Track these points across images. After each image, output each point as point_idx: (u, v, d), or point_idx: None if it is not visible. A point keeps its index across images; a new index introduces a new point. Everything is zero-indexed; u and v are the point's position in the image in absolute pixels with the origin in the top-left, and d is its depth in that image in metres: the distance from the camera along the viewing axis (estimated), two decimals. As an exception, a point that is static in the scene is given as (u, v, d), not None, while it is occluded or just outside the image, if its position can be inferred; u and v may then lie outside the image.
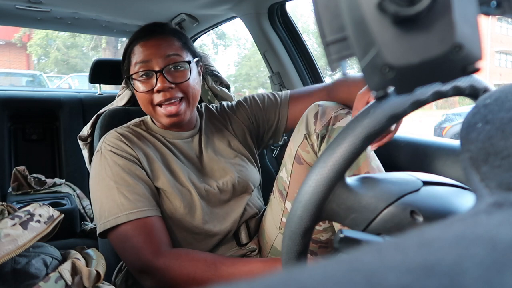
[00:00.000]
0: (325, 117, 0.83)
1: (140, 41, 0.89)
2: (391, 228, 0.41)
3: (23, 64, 14.37)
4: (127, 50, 0.93)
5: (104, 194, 0.84)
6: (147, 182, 0.86)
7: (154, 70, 0.87)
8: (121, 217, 0.81)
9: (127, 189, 0.83)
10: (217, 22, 1.68)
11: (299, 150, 0.86)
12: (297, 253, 0.43)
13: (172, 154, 0.93)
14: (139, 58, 0.88)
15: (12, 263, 0.59)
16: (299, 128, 0.87)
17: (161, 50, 0.88)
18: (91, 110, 1.91)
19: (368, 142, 0.40)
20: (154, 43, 0.88)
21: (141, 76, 0.89)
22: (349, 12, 0.23)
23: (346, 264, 0.13)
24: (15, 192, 1.63)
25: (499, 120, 0.22)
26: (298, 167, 0.87)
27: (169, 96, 0.87)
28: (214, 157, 0.97)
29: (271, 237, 0.93)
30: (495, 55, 12.76)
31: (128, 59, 0.92)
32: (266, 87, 14.26)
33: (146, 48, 0.88)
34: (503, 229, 0.14)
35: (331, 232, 0.86)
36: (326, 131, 0.83)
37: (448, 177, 0.46)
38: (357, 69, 0.23)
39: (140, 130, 0.96)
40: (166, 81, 0.87)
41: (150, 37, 0.89)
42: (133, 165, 0.86)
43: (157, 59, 0.87)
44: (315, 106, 0.86)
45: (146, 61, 0.87)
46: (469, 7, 0.22)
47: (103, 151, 0.88)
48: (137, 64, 0.88)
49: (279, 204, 0.90)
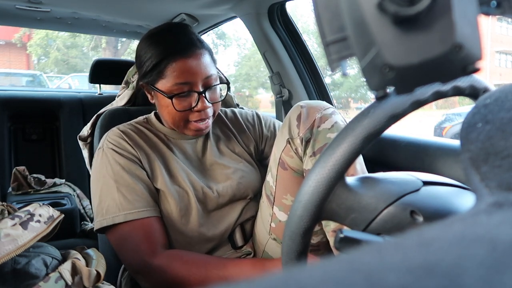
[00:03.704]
0: (308, 119, 0.79)
1: (179, 58, 0.85)
2: (391, 228, 0.41)
3: (23, 64, 14.37)
4: (159, 64, 0.86)
5: (104, 191, 0.84)
6: (147, 182, 0.86)
7: (197, 91, 0.86)
8: (119, 217, 0.81)
9: (126, 189, 0.83)
10: (217, 22, 1.68)
11: (283, 155, 0.83)
12: (297, 253, 0.43)
13: (173, 154, 0.93)
14: (181, 79, 0.85)
15: (12, 263, 0.59)
16: (282, 131, 0.83)
17: (202, 71, 0.86)
18: (91, 110, 1.91)
19: (368, 142, 0.40)
20: (195, 62, 0.85)
21: (179, 95, 0.86)
22: (349, 12, 0.23)
23: (346, 264, 0.13)
24: (15, 192, 1.63)
25: (499, 120, 0.22)
26: (283, 172, 0.84)
27: (204, 116, 0.88)
28: (218, 161, 0.97)
29: (262, 242, 0.92)
30: (495, 55, 12.76)
31: (157, 74, 0.87)
32: (266, 87, 14.26)
33: (188, 68, 0.85)
34: (503, 229, 0.14)
35: (322, 235, 0.85)
36: (310, 135, 0.78)
37: (448, 177, 0.46)
38: (357, 69, 0.23)
39: (143, 128, 0.95)
40: (206, 101, 0.87)
41: (190, 53, 0.85)
42: (134, 165, 0.86)
43: (199, 80, 0.86)
44: (298, 107, 0.81)
45: (189, 82, 0.85)
46: (469, 7, 0.22)
47: (104, 148, 0.89)
48: (177, 83, 0.85)
49: (267, 209, 0.89)
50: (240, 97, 13.90)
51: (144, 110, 1.12)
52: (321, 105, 0.81)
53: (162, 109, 0.90)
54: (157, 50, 0.87)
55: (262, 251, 0.92)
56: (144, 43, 0.90)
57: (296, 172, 0.83)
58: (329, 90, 1.49)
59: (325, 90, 1.48)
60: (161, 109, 0.91)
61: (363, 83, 4.85)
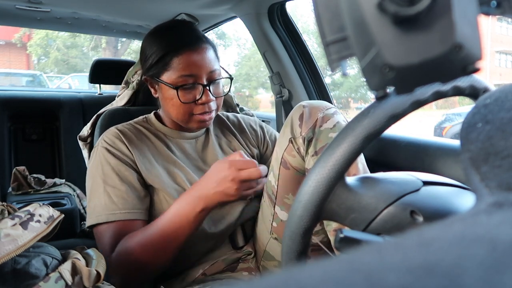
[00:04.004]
0: (310, 119, 0.80)
1: (185, 51, 0.87)
2: (391, 228, 0.41)
3: (23, 64, 14.38)
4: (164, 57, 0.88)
5: (93, 191, 0.86)
6: (135, 184, 0.86)
7: (202, 83, 0.88)
8: (101, 217, 0.83)
9: (112, 189, 0.84)
10: (217, 22, 1.68)
11: (285, 154, 0.83)
12: (297, 253, 0.43)
13: (172, 153, 0.93)
14: (187, 71, 0.87)
15: (12, 263, 0.59)
16: (284, 131, 0.84)
17: (207, 65, 0.88)
18: (91, 110, 1.91)
19: (368, 142, 0.40)
20: (200, 56, 0.88)
21: (183, 87, 0.88)
22: (349, 12, 0.23)
23: (346, 264, 0.13)
24: (15, 192, 1.63)
25: (499, 120, 0.22)
26: (285, 171, 0.84)
27: (207, 109, 0.90)
28: (217, 159, 0.97)
29: (264, 242, 0.92)
30: (495, 55, 12.76)
31: (162, 66, 0.89)
32: (266, 87, 14.25)
33: (194, 61, 0.87)
34: (503, 229, 0.14)
35: (323, 235, 0.85)
36: (312, 134, 0.79)
37: (448, 177, 0.46)
38: (357, 69, 0.23)
39: (142, 128, 0.96)
40: (210, 94, 0.89)
41: (196, 46, 0.88)
42: (124, 166, 0.86)
43: (203, 74, 0.88)
44: (300, 107, 0.82)
45: (194, 74, 0.87)
46: (469, 7, 0.22)
47: (99, 147, 0.89)
48: (183, 76, 0.87)
49: (269, 208, 0.89)
50: (240, 97, 13.89)
51: (144, 110, 1.12)
52: (323, 105, 0.82)
53: (167, 102, 0.91)
54: (162, 43, 0.89)
55: (263, 250, 0.92)
56: (150, 38, 0.93)
57: (298, 172, 0.83)
58: (329, 90, 1.49)
59: (325, 90, 1.48)
60: (165, 102, 0.92)
61: (363, 83, 4.86)
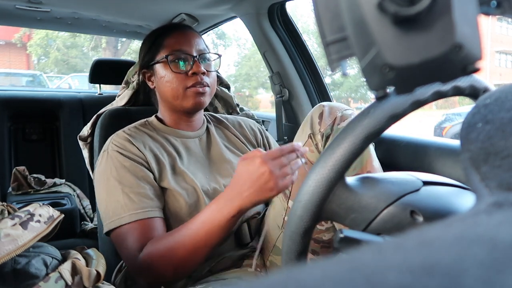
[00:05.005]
0: (330, 116, 0.85)
1: (175, 32, 0.97)
2: (391, 228, 0.41)
3: (23, 64, 14.38)
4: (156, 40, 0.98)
5: (109, 194, 0.85)
6: (152, 183, 0.87)
7: (191, 54, 0.95)
8: (124, 218, 0.82)
9: (131, 190, 0.84)
10: (217, 22, 1.68)
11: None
12: (297, 253, 0.43)
13: (177, 152, 0.95)
14: (177, 46, 0.95)
15: (12, 263, 0.59)
16: (304, 128, 0.88)
17: (195, 43, 0.97)
18: (91, 110, 1.91)
19: (368, 142, 0.40)
20: (189, 36, 0.97)
21: (175, 61, 0.94)
22: (349, 12, 0.23)
23: (346, 264, 0.13)
24: (15, 192, 1.63)
25: (499, 120, 0.22)
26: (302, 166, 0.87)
27: (200, 80, 0.94)
28: (222, 157, 0.99)
29: (273, 237, 0.93)
30: (495, 55, 12.76)
31: (155, 48, 0.97)
32: (266, 87, 14.25)
33: (183, 39, 0.96)
34: (503, 229, 0.14)
35: (333, 232, 0.87)
36: (331, 131, 0.84)
37: (448, 177, 0.46)
38: (357, 69, 0.23)
39: (147, 130, 0.97)
40: (201, 66, 0.94)
41: (185, 30, 0.99)
42: (139, 167, 0.87)
43: (193, 48, 0.96)
44: (320, 106, 0.87)
45: (184, 50, 0.95)
46: (469, 7, 0.22)
47: (109, 151, 0.89)
48: (174, 51, 0.94)
49: (281, 203, 0.90)
50: (240, 97, 13.89)
51: (144, 110, 1.12)
52: (342, 106, 0.88)
53: (162, 84, 0.96)
54: (155, 32, 1.00)
55: (273, 245, 0.93)
56: (146, 39, 1.02)
57: None
58: (329, 90, 1.49)
59: (325, 90, 1.49)
60: (161, 85, 0.96)
61: (363, 83, 4.86)
